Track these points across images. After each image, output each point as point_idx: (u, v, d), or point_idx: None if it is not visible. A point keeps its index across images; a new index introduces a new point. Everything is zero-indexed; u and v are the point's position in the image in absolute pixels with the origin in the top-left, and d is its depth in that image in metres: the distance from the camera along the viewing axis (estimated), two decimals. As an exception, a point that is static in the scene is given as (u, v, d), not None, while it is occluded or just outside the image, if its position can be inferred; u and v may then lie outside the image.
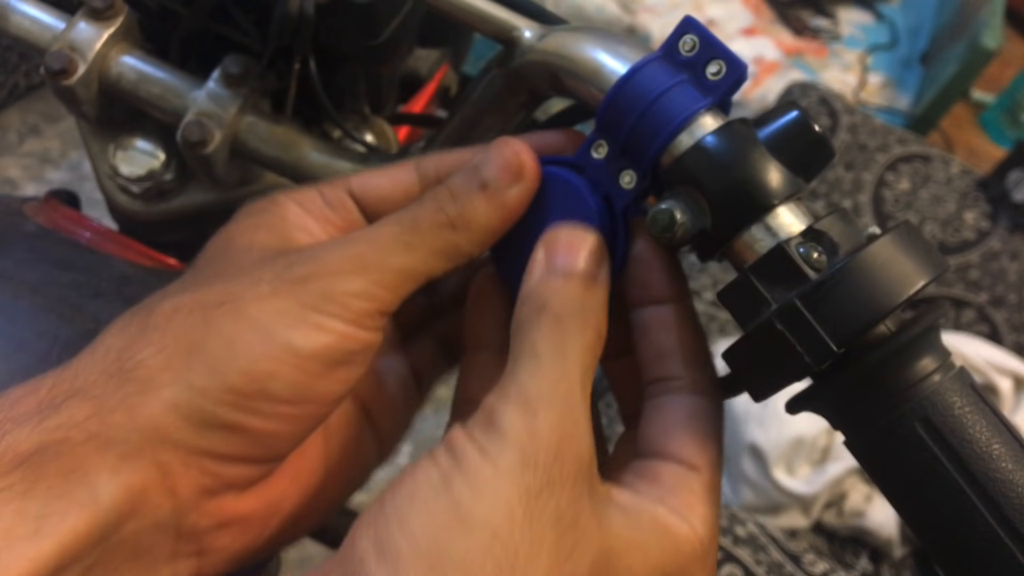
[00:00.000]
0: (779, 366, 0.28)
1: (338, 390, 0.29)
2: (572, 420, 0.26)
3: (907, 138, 1.42)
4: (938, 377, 0.28)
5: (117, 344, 0.27)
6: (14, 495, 0.23)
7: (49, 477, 0.24)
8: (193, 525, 0.27)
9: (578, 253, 0.30)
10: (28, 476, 0.23)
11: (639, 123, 0.32)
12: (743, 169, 0.30)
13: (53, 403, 0.25)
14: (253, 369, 0.26)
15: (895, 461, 0.29)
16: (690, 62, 0.32)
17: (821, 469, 1.15)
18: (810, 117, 0.31)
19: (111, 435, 0.25)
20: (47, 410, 0.25)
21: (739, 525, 0.83)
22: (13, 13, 0.46)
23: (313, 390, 0.28)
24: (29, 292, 0.42)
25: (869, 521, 1.15)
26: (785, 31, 1.92)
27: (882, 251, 0.28)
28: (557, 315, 0.28)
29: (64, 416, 0.25)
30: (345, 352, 0.28)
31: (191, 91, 0.46)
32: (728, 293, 0.31)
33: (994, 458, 0.27)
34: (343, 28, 0.46)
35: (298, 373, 0.27)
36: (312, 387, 0.28)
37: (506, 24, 0.38)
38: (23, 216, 0.48)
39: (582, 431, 0.27)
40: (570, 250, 0.30)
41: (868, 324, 0.27)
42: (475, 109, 0.41)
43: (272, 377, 0.26)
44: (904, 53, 1.97)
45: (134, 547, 0.26)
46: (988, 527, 0.27)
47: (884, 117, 1.70)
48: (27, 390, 0.26)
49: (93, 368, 0.26)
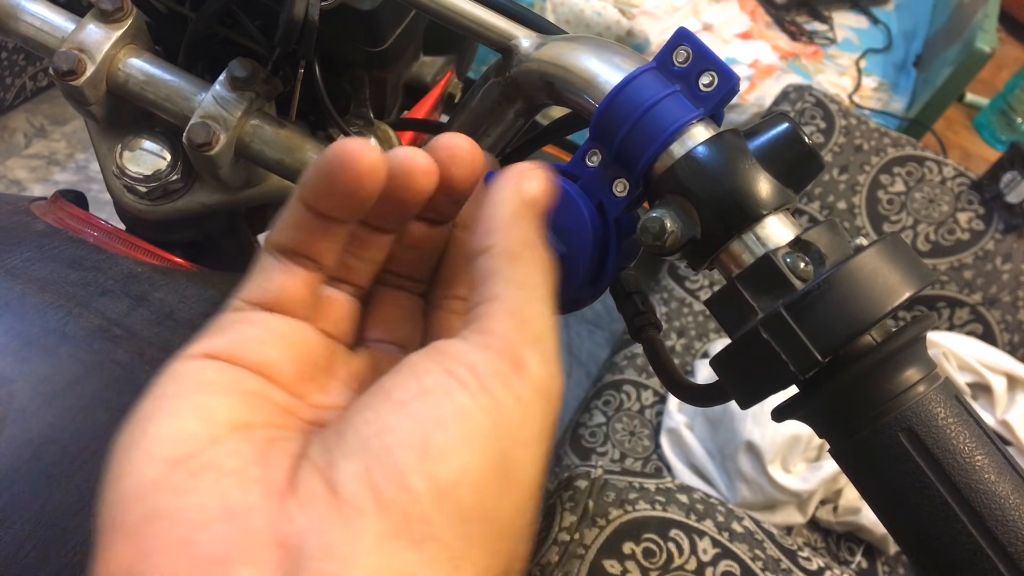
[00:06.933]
0: (765, 374, 0.29)
1: None
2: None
3: (901, 141, 1.43)
4: (922, 388, 0.29)
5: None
6: None
7: None
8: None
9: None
10: None
11: (632, 132, 0.32)
12: (733, 179, 0.31)
13: None
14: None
15: (878, 471, 0.29)
16: (683, 73, 0.33)
17: (817, 466, 1.15)
18: (801, 129, 0.32)
19: None
20: None
21: (735, 521, 0.84)
22: (23, 14, 0.47)
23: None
24: (38, 289, 0.43)
25: (864, 518, 1.16)
26: (781, 35, 1.93)
27: (868, 262, 0.28)
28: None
29: None
30: None
31: (197, 94, 0.47)
32: (716, 301, 0.31)
33: (977, 469, 0.28)
34: (347, 34, 0.46)
35: None
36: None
37: (504, 33, 0.38)
38: (31, 215, 0.48)
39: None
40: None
41: (853, 334, 0.28)
42: (473, 116, 0.42)
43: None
44: (899, 56, 1.98)
45: None
46: (970, 538, 0.27)
47: (879, 120, 1.70)
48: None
49: None
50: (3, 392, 0.38)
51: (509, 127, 0.41)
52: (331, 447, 0.23)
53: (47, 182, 1.85)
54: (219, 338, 0.27)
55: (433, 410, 0.23)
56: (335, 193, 0.27)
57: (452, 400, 0.23)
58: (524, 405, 0.24)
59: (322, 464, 0.23)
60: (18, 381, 0.39)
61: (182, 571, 0.21)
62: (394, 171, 0.28)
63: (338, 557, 0.21)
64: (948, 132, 1.92)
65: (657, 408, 1.27)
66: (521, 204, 0.29)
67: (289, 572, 0.21)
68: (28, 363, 0.40)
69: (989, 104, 1.99)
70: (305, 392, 0.28)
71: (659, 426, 1.25)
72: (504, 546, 0.24)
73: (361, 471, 0.22)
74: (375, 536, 0.21)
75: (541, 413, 0.25)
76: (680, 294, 1.38)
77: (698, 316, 1.36)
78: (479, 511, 0.23)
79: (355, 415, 0.24)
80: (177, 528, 0.21)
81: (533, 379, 0.25)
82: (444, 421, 0.23)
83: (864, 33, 2.00)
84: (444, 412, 0.23)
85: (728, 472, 1.17)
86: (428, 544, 0.22)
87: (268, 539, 0.21)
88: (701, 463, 1.20)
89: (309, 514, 0.22)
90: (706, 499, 0.86)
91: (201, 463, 0.23)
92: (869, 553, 1.20)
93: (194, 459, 0.23)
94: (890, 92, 1.87)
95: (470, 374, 0.24)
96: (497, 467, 0.23)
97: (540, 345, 0.26)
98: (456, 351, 0.25)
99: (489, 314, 0.26)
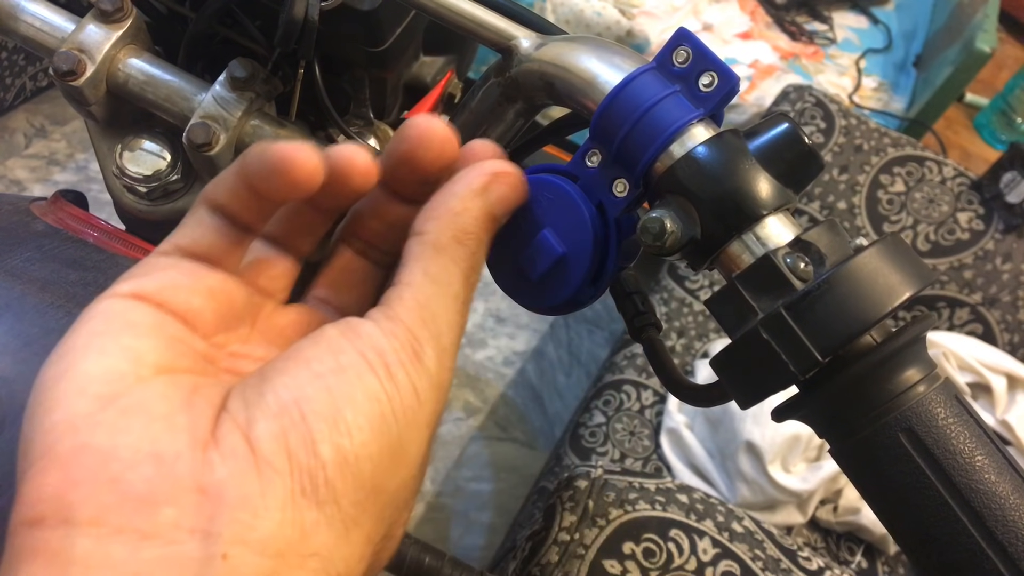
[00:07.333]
0: (764, 375, 0.29)
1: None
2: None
3: (901, 141, 1.43)
4: (923, 388, 0.29)
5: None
6: None
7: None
8: None
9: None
10: None
11: (632, 133, 0.32)
12: (733, 180, 0.31)
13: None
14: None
15: (878, 471, 0.29)
16: (683, 73, 0.33)
17: (817, 466, 1.15)
18: (801, 129, 0.32)
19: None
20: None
21: (735, 521, 0.84)
22: (23, 14, 0.47)
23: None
24: (38, 290, 0.43)
25: (864, 518, 1.16)
26: (781, 35, 1.93)
27: (868, 262, 0.28)
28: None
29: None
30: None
31: (197, 94, 0.47)
32: (716, 301, 0.31)
33: (977, 469, 0.27)
34: (347, 34, 0.46)
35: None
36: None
37: (504, 33, 0.38)
38: (31, 215, 0.48)
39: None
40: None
41: (853, 334, 0.28)
42: (473, 116, 0.42)
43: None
44: (899, 56, 1.98)
45: None
46: (970, 538, 0.27)
47: (879, 120, 1.71)
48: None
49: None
50: (3, 392, 0.38)
51: (509, 127, 0.41)
52: (251, 404, 0.25)
53: (47, 182, 1.85)
54: (147, 280, 0.28)
55: (347, 387, 0.25)
56: (269, 190, 0.28)
57: (363, 382, 0.26)
58: (420, 394, 0.27)
59: (242, 421, 0.25)
60: (18, 381, 0.39)
61: (110, 504, 0.22)
62: (332, 171, 0.29)
63: (252, 508, 0.23)
64: (948, 132, 1.92)
65: (657, 408, 1.27)
66: (470, 199, 0.30)
67: (208, 516, 0.23)
68: (28, 363, 0.40)
69: (989, 104, 1.99)
70: (225, 342, 0.30)
71: (659, 426, 1.25)
72: (388, 514, 0.27)
73: (278, 433, 0.24)
74: (285, 493, 0.24)
75: (433, 402, 0.28)
76: (680, 294, 1.38)
77: (698, 316, 1.36)
78: (373, 483, 0.25)
79: (276, 377, 0.26)
80: (108, 464, 0.23)
81: (428, 370, 0.27)
82: (355, 400, 0.25)
83: (864, 33, 2.01)
84: (356, 392, 0.25)
85: (728, 472, 1.17)
86: (328, 506, 0.24)
87: (191, 484, 0.23)
88: (701, 463, 1.20)
89: (229, 466, 0.24)
90: (706, 499, 0.87)
91: (131, 403, 0.24)
92: (869, 553, 1.20)
93: (123, 398, 0.24)
94: (890, 92, 1.87)
95: (379, 360, 0.26)
96: (392, 446, 0.26)
97: (438, 341, 0.28)
98: (368, 334, 0.27)
99: (400, 300, 0.28)
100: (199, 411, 0.25)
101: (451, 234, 0.30)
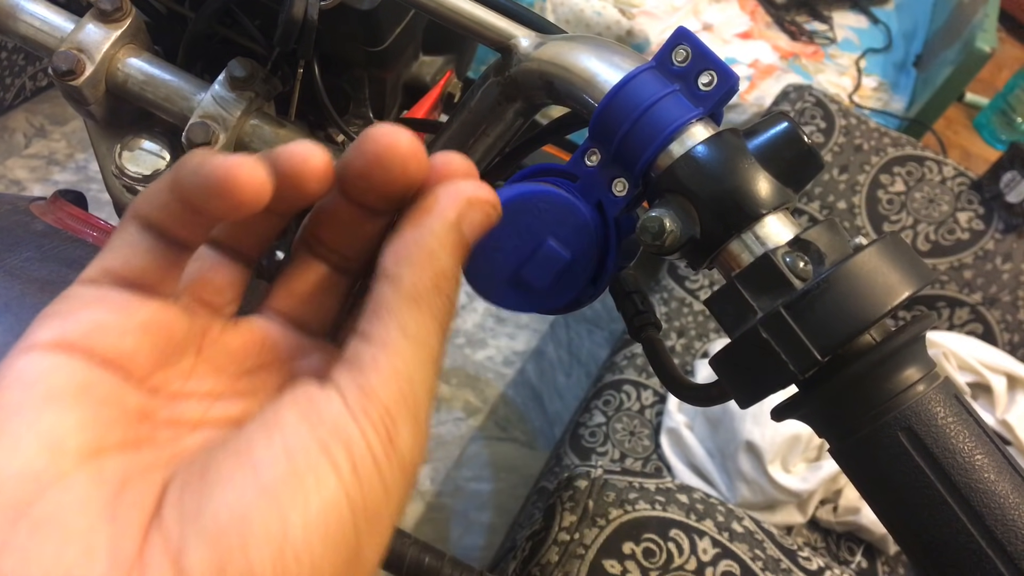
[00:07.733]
0: (764, 374, 0.29)
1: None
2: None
3: (901, 140, 1.43)
4: (922, 387, 0.29)
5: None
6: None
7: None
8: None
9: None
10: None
11: (631, 132, 0.32)
12: (732, 179, 0.31)
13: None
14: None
15: (878, 470, 0.29)
16: (682, 72, 0.33)
17: (817, 466, 1.15)
18: (800, 128, 0.32)
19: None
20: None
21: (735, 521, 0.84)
22: (22, 14, 0.47)
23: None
24: (37, 289, 0.43)
25: (864, 518, 1.16)
26: (781, 35, 1.93)
27: (867, 261, 0.28)
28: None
29: None
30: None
31: (197, 93, 0.47)
32: (715, 300, 0.31)
33: (976, 468, 0.27)
34: (347, 34, 0.46)
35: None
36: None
37: (503, 33, 0.38)
38: (31, 215, 0.48)
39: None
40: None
41: (852, 334, 0.28)
42: (473, 116, 0.42)
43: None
44: (899, 56, 1.98)
45: None
46: (970, 538, 0.27)
47: (879, 120, 1.71)
48: None
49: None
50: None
51: (508, 127, 0.41)
52: (187, 519, 0.22)
53: (47, 182, 1.85)
54: (72, 322, 0.24)
55: (300, 499, 0.22)
56: (208, 209, 0.25)
57: (321, 488, 0.22)
58: (388, 488, 0.24)
59: (174, 541, 0.22)
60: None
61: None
62: (284, 174, 0.26)
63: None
64: (948, 132, 1.92)
65: (657, 408, 1.27)
66: (445, 234, 0.27)
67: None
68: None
69: (989, 104, 1.99)
70: (164, 381, 0.27)
71: (659, 426, 1.25)
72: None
73: (214, 565, 0.21)
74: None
75: (401, 492, 0.24)
76: (680, 294, 1.38)
77: (698, 316, 1.36)
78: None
79: (217, 485, 0.22)
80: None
81: (401, 456, 0.24)
82: (308, 513, 0.22)
83: (864, 33, 2.01)
84: (311, 502, 0.22)
85: (728, 472, 1.17)
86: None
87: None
88: (701, 463, 1.20)
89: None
90: (706, 499, 0.87)
91: (45, 515, 0.21)
92: (869, 553, 1.20)
93: (36, 507, 0.21)
94: (890, 92, 1.87)
95: (344, 453, 0.23)
96: (348, 558, 0.23)
97: (415, 417, 0.25)
98: (333, 418, 0.24)
99: (375, 366, 0.25)
100: (125, 521, 0.22)
101: (430, 281, 0.26)
